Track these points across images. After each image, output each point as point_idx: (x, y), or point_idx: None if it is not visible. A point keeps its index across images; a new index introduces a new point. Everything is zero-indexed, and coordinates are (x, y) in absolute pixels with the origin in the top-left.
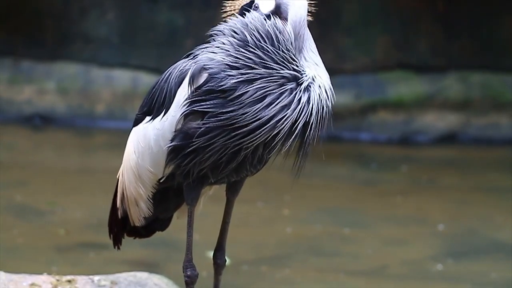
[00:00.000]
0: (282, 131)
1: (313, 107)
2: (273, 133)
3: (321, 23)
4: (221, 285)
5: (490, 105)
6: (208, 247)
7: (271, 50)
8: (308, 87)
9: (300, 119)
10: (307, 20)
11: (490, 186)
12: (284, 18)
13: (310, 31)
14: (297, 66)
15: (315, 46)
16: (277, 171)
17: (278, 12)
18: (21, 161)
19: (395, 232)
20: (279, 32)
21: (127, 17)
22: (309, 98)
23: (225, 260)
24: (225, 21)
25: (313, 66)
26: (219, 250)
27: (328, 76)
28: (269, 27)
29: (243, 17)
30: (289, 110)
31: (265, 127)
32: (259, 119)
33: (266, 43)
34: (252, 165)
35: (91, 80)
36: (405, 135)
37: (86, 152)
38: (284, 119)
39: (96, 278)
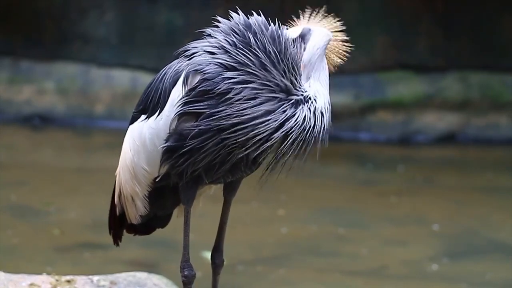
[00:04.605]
0: (260, 134)
1: (296, 125)
2: (252, 135)
3: None
4: (219, 285)
5: (490, 105)
6: (204, 247)
7: (275, 54)
8: (298, 104)
9: (280, 129)
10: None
11: (489, 186)
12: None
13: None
14: (295, 79)
15: (327, 80)
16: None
17: (302, 40)
18: (20, 161)
19: (393, 232)
20: (283, 38)
21: (126, 18)
22: (293, 115)
23: (223, 260)
24: (224, 19)
25: (313, 93)
26: (217, 250)
27: (329, 111)
28: (274, 30)
29: (244, 18)
30: (272, 116)
31: (244, 125)
32: (240, 117)
33: (271, 46)
34: (246, 166)
35: (90, 80)
36: (405, 135)
37: (85, 152)
38: (265, 123)
39: (95, 278)
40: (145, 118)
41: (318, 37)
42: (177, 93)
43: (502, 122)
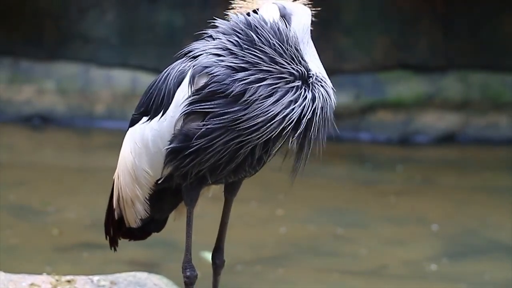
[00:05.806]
0: (287, 127)
1: (317, 106)
2: (279, 129)
3: (321, 23)
4: (219, 286)
5: (490, 105)
6: (203, 247)
7: (280, 45)
8: (313, 86)
9: (305, 116)
10: (311, 26)
11: (488, 186)
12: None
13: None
14: (304, 61)
15: (317, 54)
16: (272, 170)
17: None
18: (20, 161)
19: (392, 232)
20: (283, 28)
21: (126, 17)
22: (313, 97)
23: (224, 260)
24: (222, 19)
25: (317, 70)
26: (218, 250)
27: (330, 83)
28: (274, 24)
29: (244, 17)
30: (295, 106)
31: (271, 122)
32: (265, 115)
33: (274, 39)
34: (251, 166)
35: (90, 80)
36: (405, 135)
37: (86, 152)
38: (290, 115)
39: (95, 278)
40: (147, 120)
41: (302, 16)
42: (182, 93)
43: (502, 122)
